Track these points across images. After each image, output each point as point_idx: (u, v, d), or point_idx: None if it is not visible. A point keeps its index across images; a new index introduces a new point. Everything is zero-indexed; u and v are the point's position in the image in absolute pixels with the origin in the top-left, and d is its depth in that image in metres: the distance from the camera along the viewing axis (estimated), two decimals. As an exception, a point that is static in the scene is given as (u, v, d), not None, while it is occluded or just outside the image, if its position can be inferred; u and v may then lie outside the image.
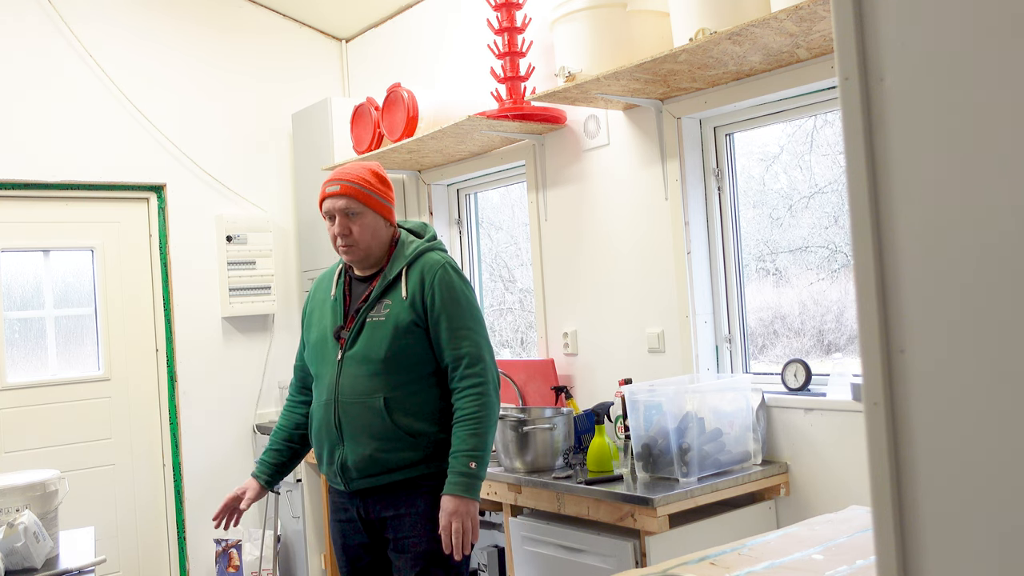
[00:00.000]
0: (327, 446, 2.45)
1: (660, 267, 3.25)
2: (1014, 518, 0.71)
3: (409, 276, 2.45)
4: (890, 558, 0.79)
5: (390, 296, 2.44)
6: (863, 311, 0.80)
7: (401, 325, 2.39)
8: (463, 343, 2.39)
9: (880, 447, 0.79)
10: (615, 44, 3.01)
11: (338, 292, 2.53)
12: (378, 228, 2.47)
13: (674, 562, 1.86)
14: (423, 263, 2.46)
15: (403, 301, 2.41)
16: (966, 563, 0.75)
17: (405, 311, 2.40)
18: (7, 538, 2.25)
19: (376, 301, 2.44)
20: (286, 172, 4.86)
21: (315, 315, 2.59)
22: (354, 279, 2.55)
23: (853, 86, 0.80)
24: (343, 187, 2.43)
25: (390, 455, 2.36)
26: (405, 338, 2.39)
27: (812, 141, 3.05)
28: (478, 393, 2.38)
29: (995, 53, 0.72)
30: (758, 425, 2.87)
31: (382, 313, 2.42)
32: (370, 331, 2.41)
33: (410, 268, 2.46)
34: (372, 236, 2.46)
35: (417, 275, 2.44)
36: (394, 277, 2.46)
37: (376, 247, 2.48)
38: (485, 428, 2.36)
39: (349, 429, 2.39)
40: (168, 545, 4.41)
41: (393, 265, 2.48)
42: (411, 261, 2.47)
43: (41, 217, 4.21)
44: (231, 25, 4.72)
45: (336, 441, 2.42)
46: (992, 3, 0.72)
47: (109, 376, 4.33)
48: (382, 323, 2.40)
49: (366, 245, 2.46)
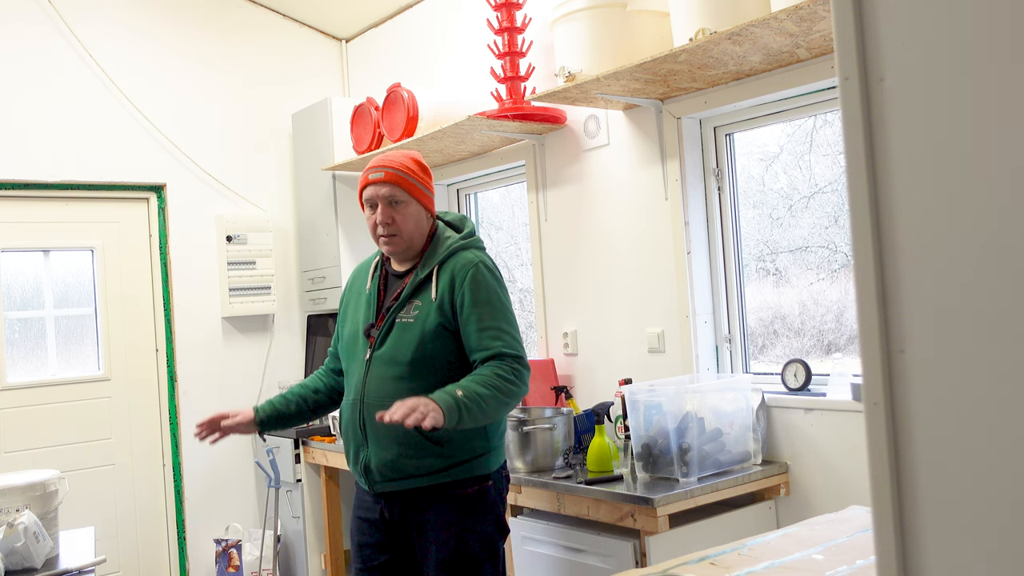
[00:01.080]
0: (352, 446, 2.37)
1: (660, 267, 3.25)
2: (1014, 517, 0.71)
3: (440, 276, 2.33)
4: (890, 558, 0.79)
5: (420, 297, 2.33)
6: (863, 311, 0.80)
7: (428, 329, 2.28)
8: (494, 343, 2.24)
9: (880, 447, 0.79)
10: (615, 44, 3.01)
11: (373, 286, 2.44)
12: (420, 219, 2.37)
13: (674, 562, 1.86)
14: (455, 263, 2.34)
15: (432, 303, 2.30)
16: (966, 563, 0.75)
17: (433, 314, 2.28)
18: (7, 538, 2.25)
19: (406, 301, 2.34)
20: (286, 172, 4.86)
21: (350, 308, 2.49)
22: (390, 273, 2.45)
23: (853, 86, 0.80)
24: (387, 174, 2.32)
25: (413, 461, 2.26)
26: (433, 343, 2.27)
27: (812, 141, 3.05)
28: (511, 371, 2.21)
29: (995, 53, 0.72)
30: (758, 425, 2.87)
31: (411, 315, 2.32)
32: (399, 332, 2.31)
33: (441, 267, 2.34)
34: (415, 226, 2.35)
35: (448, 276, 2.32)
36: (425, 276, 2.34)
37: (418, 238, 2.37)
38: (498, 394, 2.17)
39: (373, 432, 2.29)
40: (168, 545, 4.41)
41: (426, 263, 2.36)
42: (443, 260, 2.35)
43: (41, 217, 4.21)
44: (231, 25, 4.72)
45: (360, 442, 2.33)
46: (992, 3, 0.72)
47: (109, 376, 4.33)
48: (410, 325, 2.30)
49: (408, 235, 2.35)
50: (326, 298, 4.57)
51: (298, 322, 4.86)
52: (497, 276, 2.35)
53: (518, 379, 2.23)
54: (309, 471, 4.32)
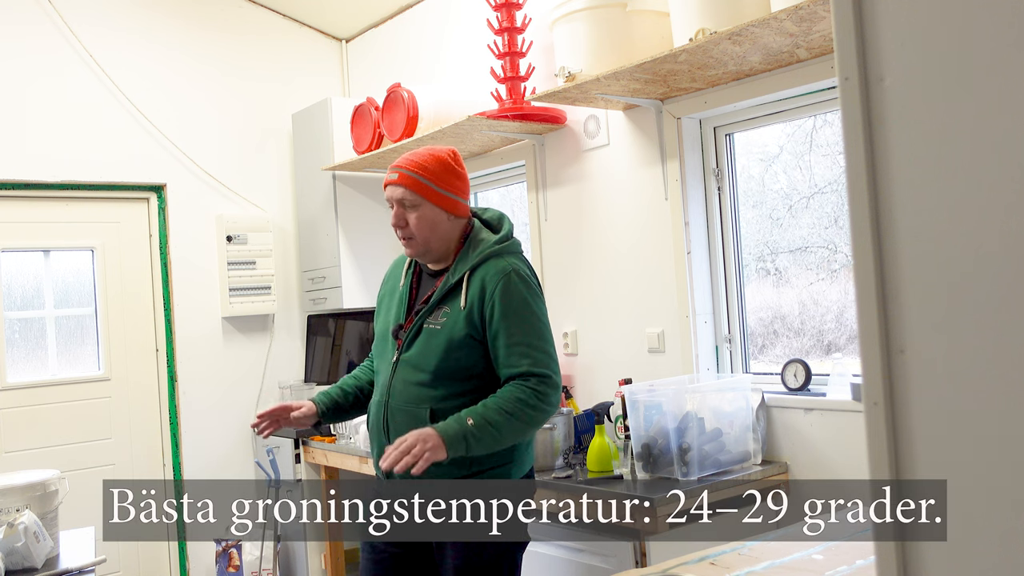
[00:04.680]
0: (376, 446, 2.32)
1: (660, 267, 3.25)
2: (1014, 518, 0.71)
3: (471, 283, 2.23)
4: (890, 558, 0.79)
5: (449, 303, 2.24)
6: (863, 311, 0.80)
7: (455, 338, 2.19)
8: (522, 361, 2.15)
9: (880, 447, 0.79)
10: (615, 44, 3.01)
11: (406, 283, 2.37)
12: (437, 222, 2.25)
13: (674, 562, 1.86)
14: (487, 270, 2.22)
15: (460, 311, 2.21)
16: (966, 563, 0.75)
17: (461, 323, 2.20)
18: (7, 538, 2.25)
19: (436, 306, 2.26)
20: (286, 172, 4.86)
21: (384, 303, 2.43)
22: (424, 271, 2.37)
23: (853, 86, 0.80)
24: (400, 175, 2.23)
25: (433, 468, 2.15)
26: (459, 352, 2.19)
27: (812, 141, 3.05)
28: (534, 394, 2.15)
29: (995, 53, 0.72)
30: (758, 425, 2.87)
31: (439, 321, 2.24)
32: (426, 338, 2.24)
33: (473, 274, 2.24)
34: (430, 230, 2.25)
35: (479, 284, 2.21)
36: (456, 282, 2.24)
37: (436, 242, 2.27)
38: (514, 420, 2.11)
39: (396, 435, 2.20)
40: (168, 545, 4.41)
41: (457, 267, 2.26)
42: (475, 265, 2.24)
43: (41, 217, 4.21)
44: (231, 25, 4.72)
45: (384, 444, 2.25)
46: (992, 3, 0.72)
47: (109, 376, 4.33)
48: (437, 332, 2.22)
49: (423, 239, 2.25)
50: (326, 298, 4.57)
51: (298, 322, 4.86)
52: (531, 284, 2.25)
53: (542, 400, 2.15)
54: (309, 471, 4.32)
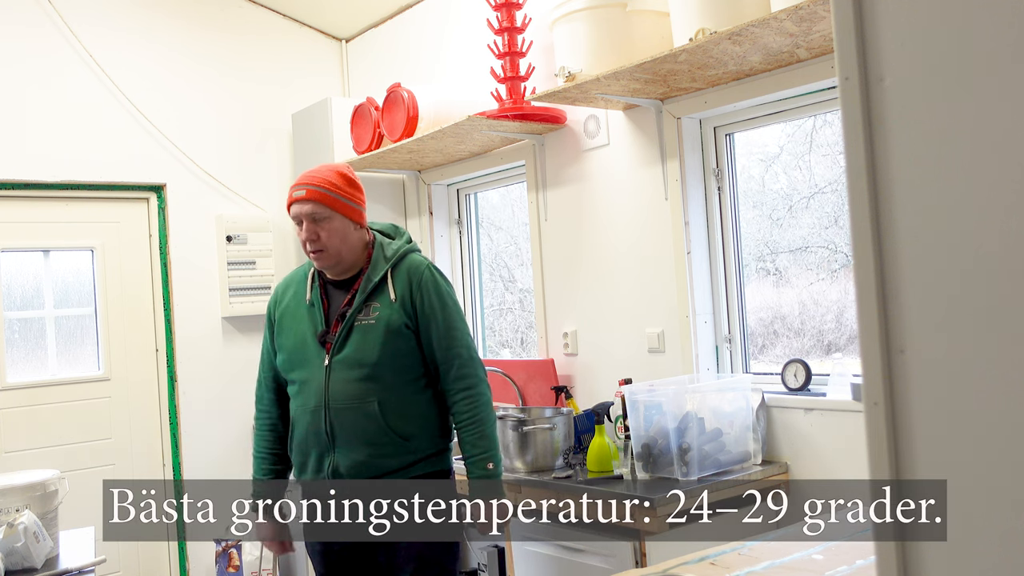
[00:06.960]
0: (315, 454, 2.42)
1: (660, 267, 3.25)
2: (1014, 518, 0.71)
3: (395, 278, 2.44)
4: (890, 558, 0.79)
5: (377, 299, 2.42)
6: (863, 311, 0.80)
7: (392, 327, 2.38)
8: (454, 344, 2.43)
9: (880, 447, 0.79)
10: (615, 44, 3.01)
11: (314, 297, 2.49)
12: (347, 232, 2.43)
13: (674, 562, 1.86)
14: (408, 265, 2.46)
15: (392, 304, 2.40)
16: (966, 563, 0.75)
17: (396, 313, 2.39)
18: (7, 538, 2.25)
19: (363, 305, 2.42)
20: (286, 172, 4.86)
21: (286, 320, 2.52)
22: (329, 283, 2.51)
23: (853, 86, 0.80)
24: (308, 191, 2.39)
25: (385, 460, 2.36)
26: (397, 340, 2.38)
27: (812, 141, 3.05)
28: (476, 394, 2.43)
29: (995, 53, 0.72)
30: (758, 425, 2.87)
31: (371, 316, 2.40)
32: (360, 335, 2.39)
33: (395, 270, 2.45)
34: (341, 241, 2.42)
35: (404, 277, 2.44)
36: (379, 280, 2.44)
37: (347, 251, 2.44)
38: (489, 427, 2.43)
39: (342, 435, 2.37)
40: (168, 545, 4.41)
41: (375, 268, 2.45)
42: (395, 263, 2.46)
43: (41, 217, 4.21)
44: (231, 25, 4.72)
45: (326, 448, 2.39)
46: (992, 3, 0.72)
47: (109, 376, 4.33)
48: (372, 326, 2.39)
49: (336, 250, 2.42)
50: (326, 298, 4.56)
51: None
52: (445, 277, 2.53)
53: (482, 389, 2.45)
54: (309, 471, 4.32)
